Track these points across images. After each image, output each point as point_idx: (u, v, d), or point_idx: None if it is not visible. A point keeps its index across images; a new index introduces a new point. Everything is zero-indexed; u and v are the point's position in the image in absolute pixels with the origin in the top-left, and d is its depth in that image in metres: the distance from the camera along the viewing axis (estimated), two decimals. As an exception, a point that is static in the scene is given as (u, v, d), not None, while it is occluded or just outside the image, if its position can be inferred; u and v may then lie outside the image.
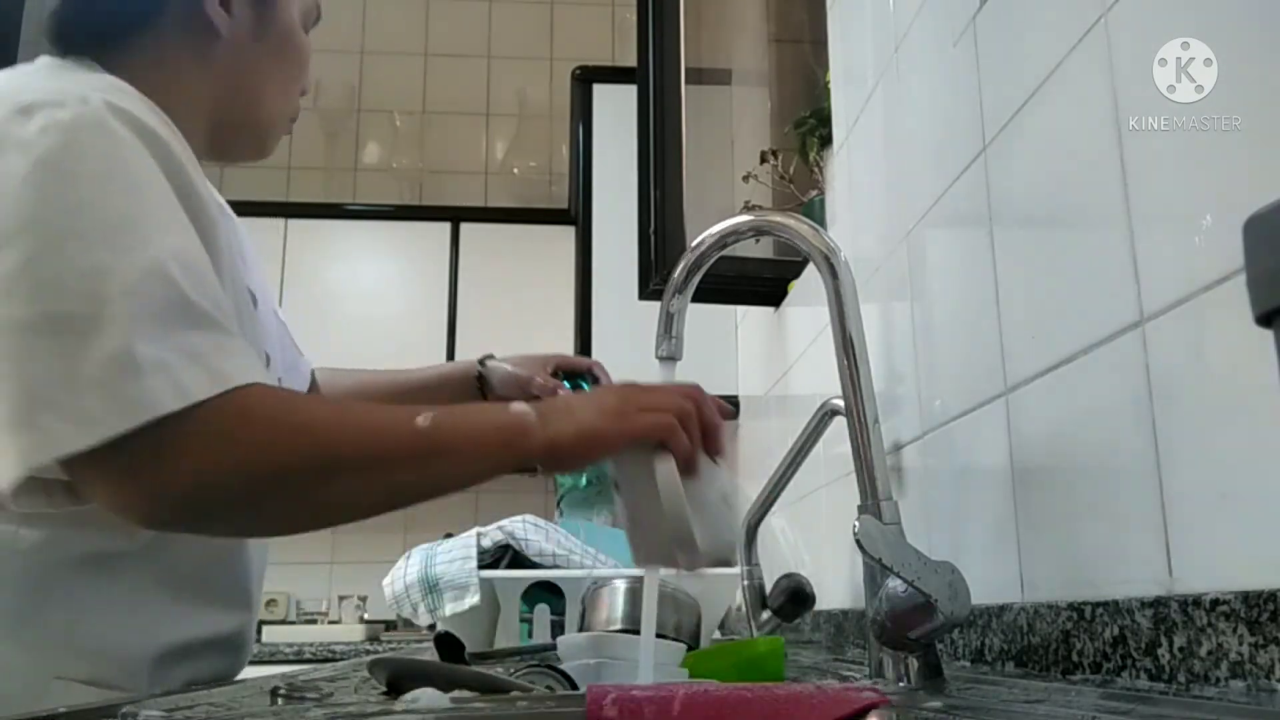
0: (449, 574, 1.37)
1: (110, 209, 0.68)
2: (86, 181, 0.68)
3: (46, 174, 0.68)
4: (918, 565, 0.66)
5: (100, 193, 0.68)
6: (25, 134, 0.69)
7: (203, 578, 0.84)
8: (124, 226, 0.67)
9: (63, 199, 0.67)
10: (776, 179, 1.78)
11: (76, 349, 0.63)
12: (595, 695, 0.48)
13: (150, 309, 0.65)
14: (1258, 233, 0.30)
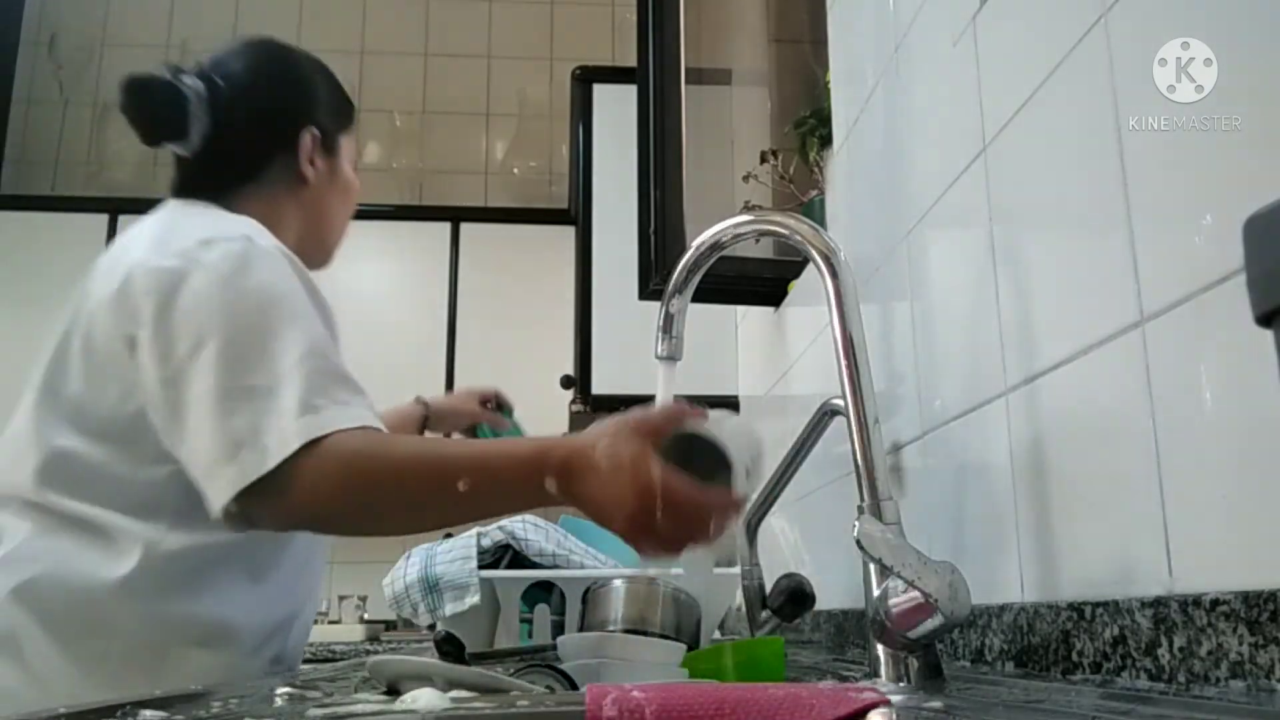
0: (449, 574, 1.37)
1: (274, 312, 0.96)
2: (256, 294, 0.96)
3: (228, 290, 0.96)
4: (918, 565, 0.66)
5: (266, 301, 0.96)
6: (210, 259, 0.98)
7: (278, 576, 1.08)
8: (285, 323, 0.95)
9: (242, 306, 0.95)
10: (776, 179, 1.78)
11: (263, 406, 0.90)
12: (595, 695, 0.48)
13: (309, 379, 0.91)
14: (1258, 233, 0.30)
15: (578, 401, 2.37)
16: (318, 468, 0.87)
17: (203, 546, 1.00)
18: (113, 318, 0.99)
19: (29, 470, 1.00)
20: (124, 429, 0.99)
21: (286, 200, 1.16)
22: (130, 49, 3.53)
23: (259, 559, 1.06)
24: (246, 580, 1.05)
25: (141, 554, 0.97)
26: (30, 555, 0.97)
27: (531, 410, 1.67)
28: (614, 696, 0.48)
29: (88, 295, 1.03)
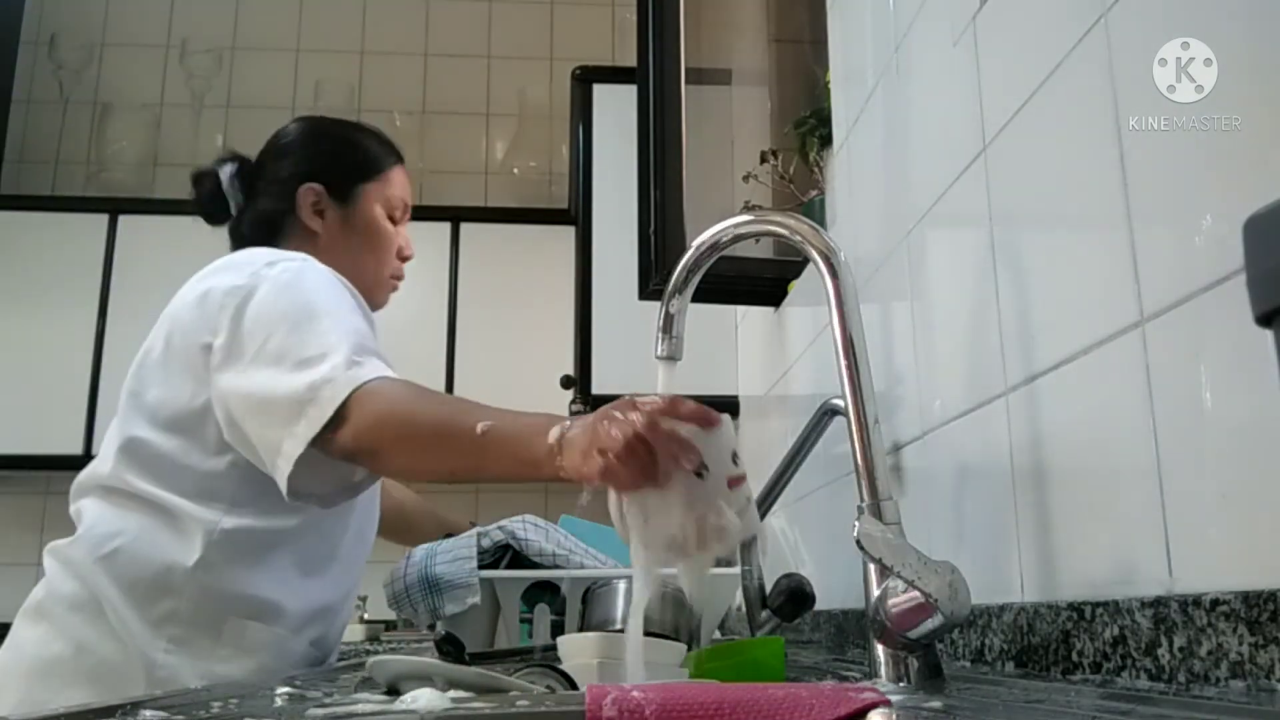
0: (449, 574, 1.37)
1: (325, 307, 1.14)
2: (311, 294, 1.15)
3: (288, 292, 1.15)
4: (918, 565, 0.66)
5: (318, 300, 1.15)
6: (273, 274, 1.18)
7: (326, 559, 1.24)
8: (334, 314, 1.13)
9: (299, 304, 1.14)
10: (776, 179, 1.78)
11: (315, 370, 1.06)
12: (595, 695, 0.48)
13: (353, 346, 1.09)
14: (1258, 233, 0.30)
15: (578, 401, 2.37)
16: (366, 405, 1.03)
17: (257, 531, 1.17)
18: (193, 327, 1.17)
19: (109, 458, 1.20)
20: (192, 423, 1.17)
21: (308, 248, 1.30)
22: (130, 49, 3.53)
23: (307, 552, 1.22)
24: (295, 569, 1.20)
25: (203, 533, 1.14)
26: (110, 531, 1.15)
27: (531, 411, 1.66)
28: (614, 696, 0.48)
29: (168, 314, 1.23)
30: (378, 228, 1.37)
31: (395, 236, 1.38)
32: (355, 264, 1.33)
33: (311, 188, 1.34)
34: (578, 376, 2.41)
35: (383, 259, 1.37)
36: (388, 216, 1.38)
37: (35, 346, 2.95)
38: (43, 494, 3.16)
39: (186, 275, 1.28)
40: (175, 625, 1.12)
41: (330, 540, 1.25)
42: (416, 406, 1.05)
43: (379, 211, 1.37)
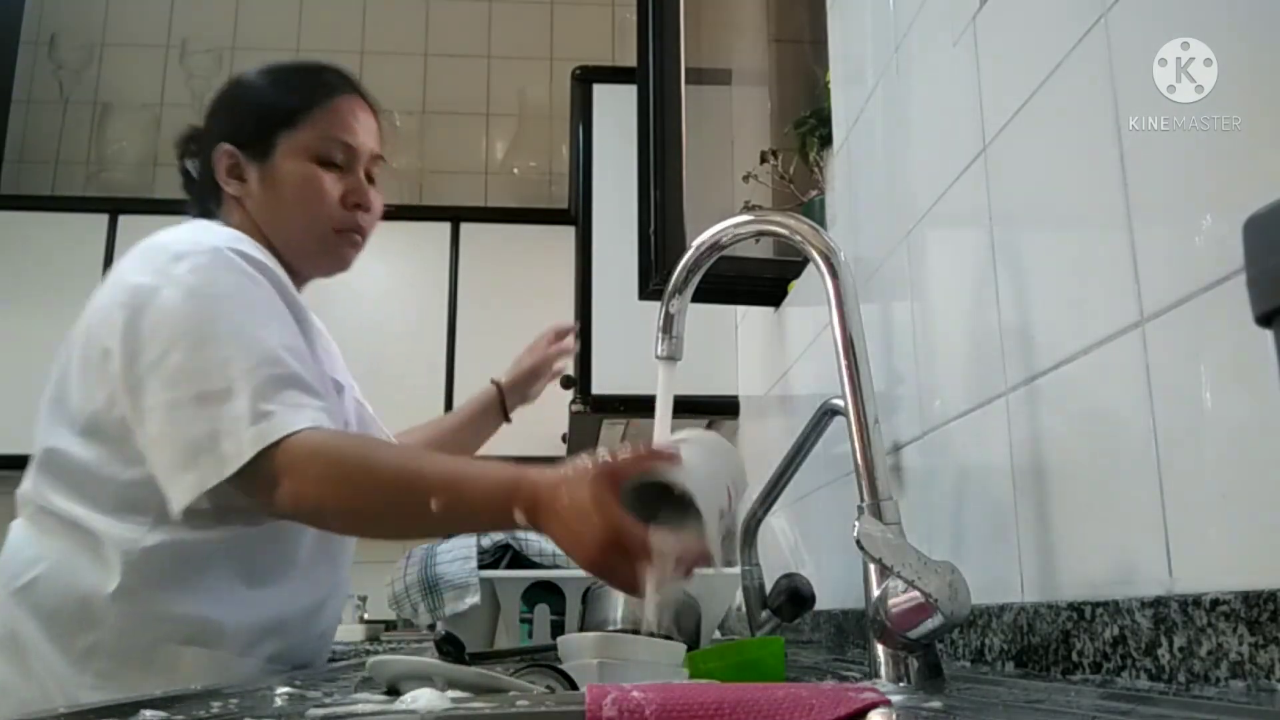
0: (449, 574, 1.37)
1: (235, 320, 1.01)
2: (217, 304, 1.02)
3: (191, 301, 1.02)
4: (918, 565, 0.66)
5: (229, 310, 1.02)
6: (178, 273, 1.03)
7: (271, 569, 1.10)
8: (242, 333, 1.00)
9: (203, 317, 1.01)
10: (776, 179, 1.78)
11: (216, 414, 0.96)
12: (595, 695, 0.48)
13: (262, 381, 0.97)
14: (1258, 233, 0.30)
15: (578, 401, 2.37)
16: (300, 467, 0.93)
17: (188, 545, 1.04)
18: (98, 328, 1.06)
19: (30, 473, 1.11)
20: (110, 431, 1.05)
21: (242, 212, 1.19)
22: (130, 49, 3.53)
23: (252, 560, 1.08)
24: (238, 581, 1.07)
25: (122, 554, 1.02)
26: (28, 559, 1.05)
27: (531, 410, 1.66)
28: (614, 696, 0.48)
29: (88, 310, 1.11)
30: (301, 179, 1.17)
31: (329, 184, 1.18)
32: (286, 226, 1.17)
33: (224, 150, 1.18)
34: (578, 376, 2.41)
35: (316, 214, 1.17)
36: (324, 161, 1.18)
37: (35, 346, 2.95)
38: (43, 494, 3.16)
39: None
40: (100, 659, 1.00)
41: (284, 545, 1.11)
42: (357, 475, 0.94)
43: (302, 160, 1.17)
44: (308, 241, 1.18)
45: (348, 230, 1.20)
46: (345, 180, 1.19)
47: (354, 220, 1.20)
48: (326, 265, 1.22)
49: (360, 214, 1.20)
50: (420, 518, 0.91)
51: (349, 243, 1.21)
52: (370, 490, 0.94)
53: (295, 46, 3.55)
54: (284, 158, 1.17)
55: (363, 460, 0.95)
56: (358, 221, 1.20)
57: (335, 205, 1.18)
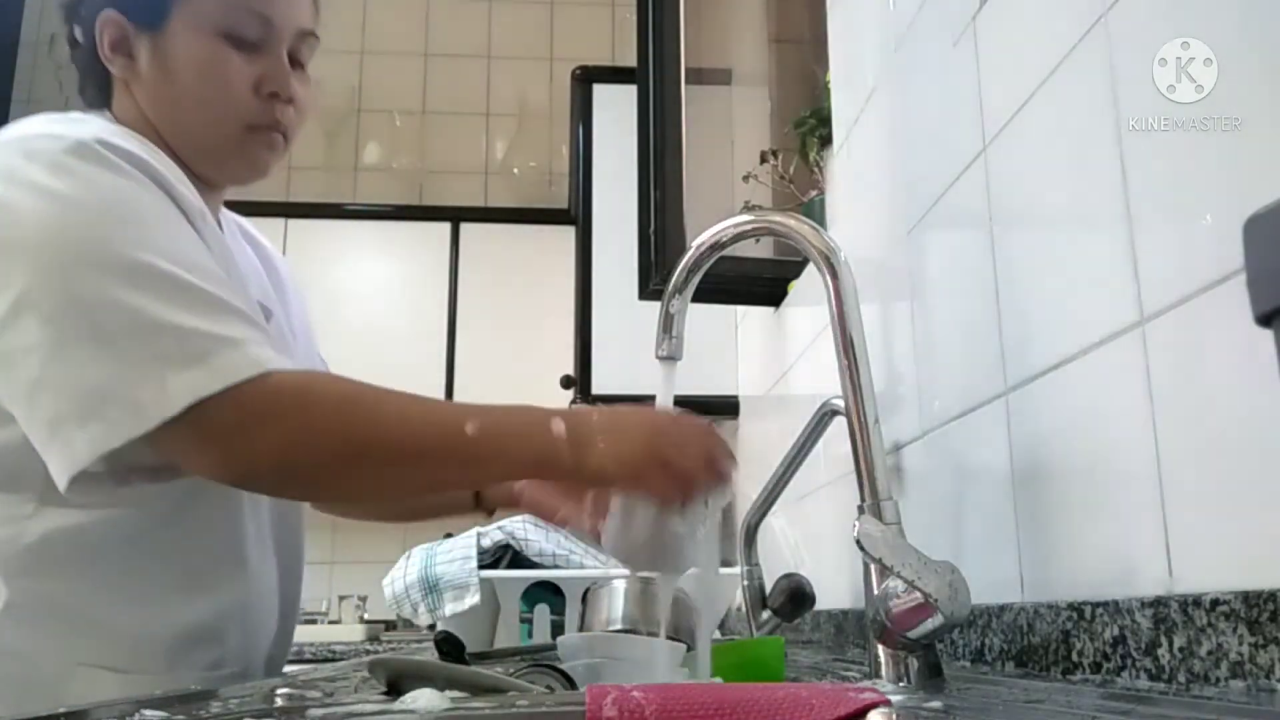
0: (449, 574, 1.37)
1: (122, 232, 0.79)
2: (95, 210, 0.79)
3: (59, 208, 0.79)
4: (918, 565, 0.66)
5: (112, 218, 0.79)
6: (32, 175, 0.79)
7: (202, 551, 0.90)
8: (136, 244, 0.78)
9: (79, 228, 0.78)
10: (776, 179, 1.78)
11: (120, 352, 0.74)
12: (595, 695, 0.48)
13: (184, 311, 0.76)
14: (1258, 233, 0.30)
15: (578, 401, 2.37)
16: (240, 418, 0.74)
17: (87, 532, 0.83)
18: None
19: None
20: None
21: (131, 103, 0.95)
22: (130, 49, 3.53)
23: (179, 551, 0.88)
24: (160, 579, 0.87)
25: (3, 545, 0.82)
26: None
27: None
28: (614, 696, 0.48)
29: None
30: (202, 60, 0.92)
31: (237, 67, 0.92)
32: (183, 120, 0.93)
33: (110, 18, 0.92)
34: (578, 376, 2.41)
35: (221, 105, 0.93)
36: (230, 38, 0.92)
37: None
38: (43, 494, 3.16)
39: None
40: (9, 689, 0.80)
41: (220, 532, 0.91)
42: (361, 405, 0.77)
43: (205, 35, 0.92)
44: (211, 139, 0.94)
45: (263, 127, 0.95)
46: (260, 62, 0.94)
47: (270, 114, 0.94)
48: (237, 170, 0.97)
49: (279, 105, 0.95)
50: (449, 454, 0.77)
51: (264, 143, 0.96)
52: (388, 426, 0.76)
53: (295, 46, 3.55)
54: (181, 30, 0.92)
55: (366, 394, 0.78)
56: (275, 115, 0.95)
57: (246, 94, 0.93)
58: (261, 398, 0.75)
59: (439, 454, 0.78)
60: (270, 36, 0.95)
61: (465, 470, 0.80)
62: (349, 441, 0.77)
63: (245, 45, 0.93)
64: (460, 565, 1.37)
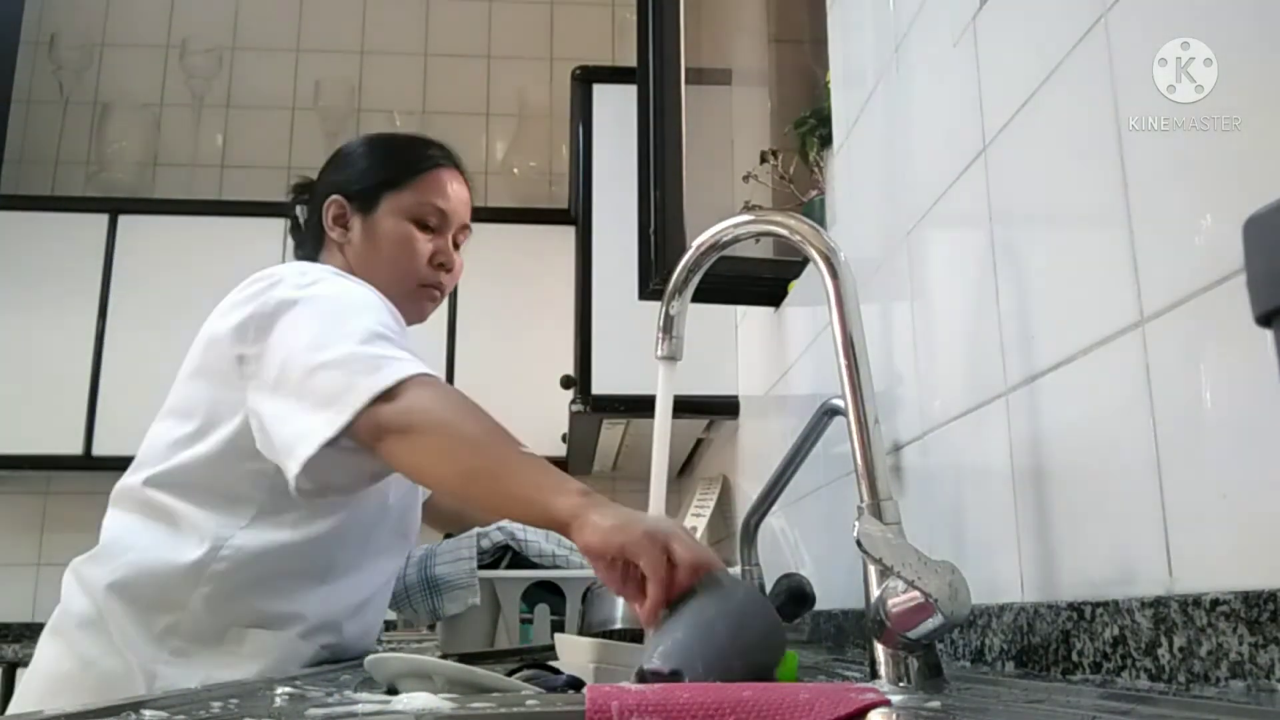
0: (449, 574, 1.37)
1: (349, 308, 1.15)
2: (336, 299, 1.17)
3: (317, 302, 1.16)
4: (918, 565, 0.66)
5: (344, 303, 1.16)
6: (304, 290, 1.17)
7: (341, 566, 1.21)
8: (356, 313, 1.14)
9: (325, 309, 1.15)
10: (776, 179, 1.78)
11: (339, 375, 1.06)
12: (595, 696, 0.48)
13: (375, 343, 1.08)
14: (1258, 233, 0.30)
15: (578, 401, 2.37)
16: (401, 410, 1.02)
17: (272, 548, 1.15)
18: (229, 339, 1.17)
19: (138, 465, 1.21)
20: (221, 431, 1.16)
21: (341, 258, 1.33)
22: (130, 49, 3.53)
23: (329, 557, 1.19)
24: (313, 578, 1.18)
25: (214, 549, 1.13)
26: (123, 546, 1.16)
27: (531, 410, 1.66)
28: (615, 697, 0.48)
29: (210, 325, 1.22)
30: (399, 235, 1.32)
31: (421, 244, 1.33)
32: (376, 275, 1.31)
33: (335, 200, 1.34)
34: (578, 376, 2.41)
35: (406, 269, 1.32)
36: (418, 223, 1.33)
37: (35, 346, 2.95)
38: (43, 494, 3.16)
39: (186, 275, 1.30)
40: (177, 638, 1.13)
41: (358, 542, 1.24)
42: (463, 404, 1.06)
43: (401, 219, 1.33)
44: (394, 290, 1.29)
45: (430, 286, 1.34)
46: (435, 242, 1.34)
47: (437, 278, 1.34)
48: (407, 314, 1.31)
49: (443, 274, 1.35)
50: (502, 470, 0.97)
51: (429, 297, 1.35)
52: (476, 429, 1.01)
53: (295, 46, 3.55)
54: (386, 214, 1.33)
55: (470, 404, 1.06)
56: (440, 280, 1.35)
57: (424, 263, 1.32)
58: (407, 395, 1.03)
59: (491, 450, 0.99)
60: (444, 224, 1.36)
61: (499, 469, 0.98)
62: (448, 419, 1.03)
63: (427, 229, 1.34)
64: (460, 565, 1.37)
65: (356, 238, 1.33)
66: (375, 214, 1.33)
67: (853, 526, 0.69)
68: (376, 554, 1.28)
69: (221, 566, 1.14)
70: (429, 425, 1.03)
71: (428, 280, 1.34)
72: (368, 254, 1.32)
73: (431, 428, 1.03)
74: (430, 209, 1.34)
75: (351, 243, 1.33)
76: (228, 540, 1.14)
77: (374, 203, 1.33)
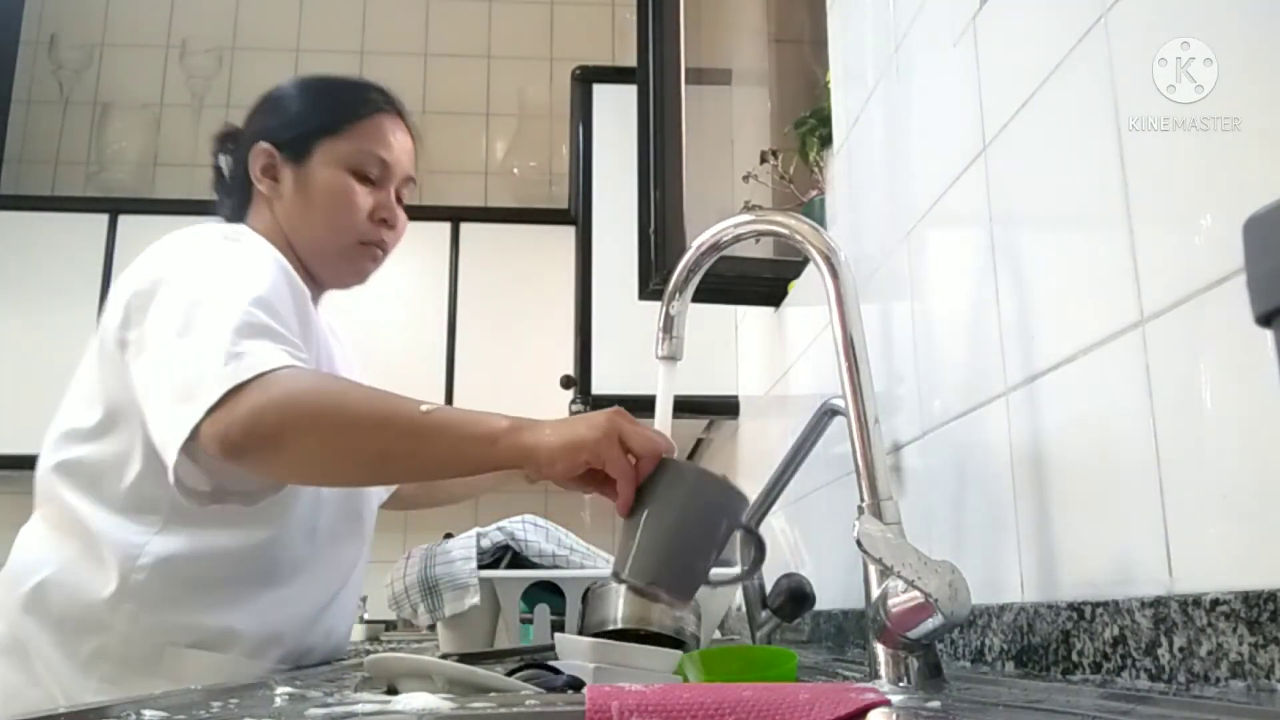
0: (449, 574, 1.37)
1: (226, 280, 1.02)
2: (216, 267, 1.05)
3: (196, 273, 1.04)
4: (918, 565, 0.66)
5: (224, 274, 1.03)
6: (189, 255, 1.07)
7: (294, 565, 1.11)
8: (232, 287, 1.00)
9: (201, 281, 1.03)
10: (776, 179, 1.78)
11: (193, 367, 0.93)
12: (596, 696, 0.48)
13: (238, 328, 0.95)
14: (1258, 233, 0.30)
15: (578, 401, 2.37)
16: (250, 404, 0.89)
17: (199, 551, 1.04)
18: (115, 322, 1.07)
19: (43, 470, 1.12)
20: (123, 428, 1.05)
21: (269, 217, 1.20)
22: (130, 49, 3.53)
23: (262, 564, 1.08)
24: (249, 586, 1.07)
25: (131, 558, 1.02)
26: (34, 562, 1.06)
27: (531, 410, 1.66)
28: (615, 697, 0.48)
29: (109, 303, 1.12)
30: (333, 188, 1.18)
31: (361, 197, 1.19)
32: (310, 232, 1.18)
33: (262, 148, 1.19)
34: (578, 376, 2.41)
35: (344, 224, 1.19)
36: (357, 174, 1.19)
37: (35, 346, 2.95)
38: (43, 494, 3.16)
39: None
40: (106, 663, 1.01)
41: (294, 548, 1.12)
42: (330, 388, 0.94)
43: (338, 169, 1.18)
44: (331, 249, 1.19)
45: (371, 244, 1.22)
46: (376, 195, 1.21)
47: (379, 235, 1.22)
48: (345, 275, 1.23)
49: (385, 230, 1.22)
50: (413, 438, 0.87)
51: (370, 256, 1.23)
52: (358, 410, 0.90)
53: (295, 46, 3.55)
54: (320, 164, 1.19)
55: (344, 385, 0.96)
56: (382, 236, 1.22)
57: (363, 218, 1.19)
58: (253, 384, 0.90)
59: (391, 424, 0.88)
60: (385, 176, 1.22)
61: (417, 444, 0.88)
62: (320, 411, 0.90)
63: (366, 180, 1.20)
64: (460, 565, 1.37)
65: (288, 191, 1.19)
66: (309, 164, 1.19)
67: (853, 526, 0.69)
68: (327, 545, 1.16)
69: (141, 578, 1.02)
70: (305, 421, 0.90)
71: (368, 237, 1.21)
72: (300, 209, 1.19)
73: (308, 424, 0.90)
74: (371, 158, 1.20)
75: (282, 197, 1.19)
76: (143, 547, 1.03)
77: (307, 151, 1.19)
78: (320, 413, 0.90)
